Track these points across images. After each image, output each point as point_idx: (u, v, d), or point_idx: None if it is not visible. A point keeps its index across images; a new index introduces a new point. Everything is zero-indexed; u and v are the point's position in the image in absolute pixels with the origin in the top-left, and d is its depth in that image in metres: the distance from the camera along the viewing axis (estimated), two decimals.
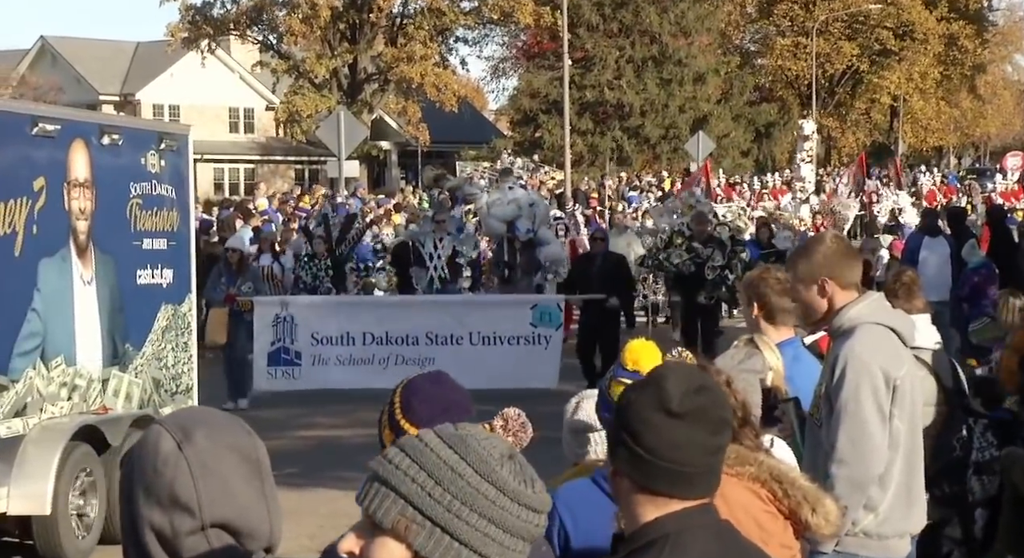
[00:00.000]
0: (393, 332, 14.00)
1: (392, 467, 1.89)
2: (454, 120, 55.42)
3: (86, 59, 57.32)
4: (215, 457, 2.04)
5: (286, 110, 51.46)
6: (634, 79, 53.50)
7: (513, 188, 16.89)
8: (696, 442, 2.34)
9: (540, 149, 51.68)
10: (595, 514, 3.45)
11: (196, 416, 2.14)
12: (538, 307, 14.16)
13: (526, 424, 3.97)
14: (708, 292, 15.06)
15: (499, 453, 1.90)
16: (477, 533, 1.86)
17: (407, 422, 3.18)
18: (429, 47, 50.94)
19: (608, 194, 39.36)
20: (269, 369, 13.95)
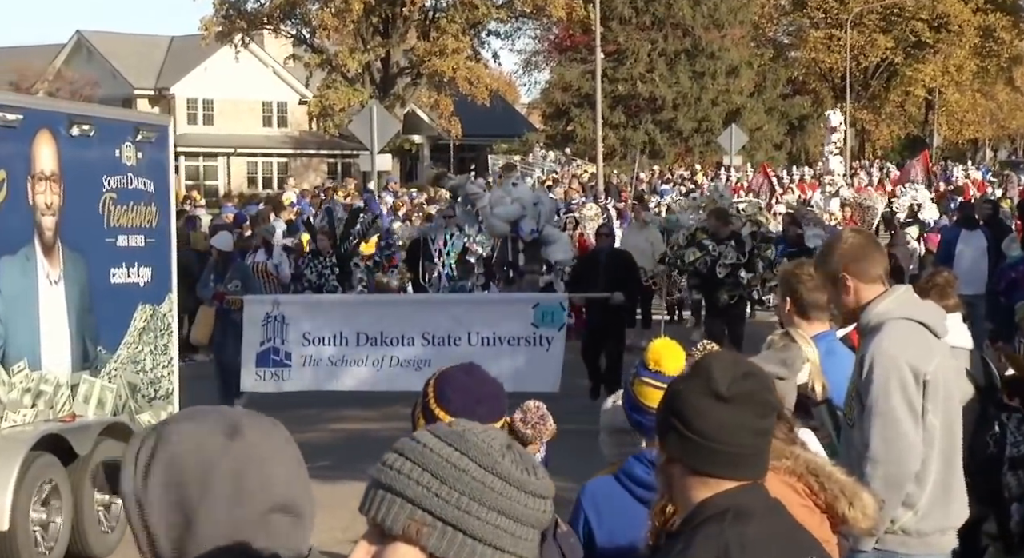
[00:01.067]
0: (388, 332, 13.17)
1: (395, 472, 1.86)
2: (486, 114, 54.89)
3: (121, 53, 57.07)
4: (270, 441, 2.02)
5: (319, 104, 51.21)
6: (666, 72, 52.93)
7: (517, 185, 16.11)
8: (745, 424, 2.39)
9: (572, 142, 51.20)
10: (618, 510, 3.51)
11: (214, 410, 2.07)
12: (540, 306, 13.26)
13: (545, 416, 4.27)
14: (728, 291, 14.17)
15: (499, 445, 1.88)
16: (489, 526, 1.84)
17: (442, 411, 3.17)
18: (461, 41, 50.53)
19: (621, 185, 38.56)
20: (257, 370, 13.16)
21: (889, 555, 4.39)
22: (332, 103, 49.84)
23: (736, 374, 2.44)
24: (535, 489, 1.88)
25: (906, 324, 4.45)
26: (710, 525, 2.40)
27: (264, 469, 1.98)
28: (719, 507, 2.41)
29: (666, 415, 2.48)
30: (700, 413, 2.42)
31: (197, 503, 1.94)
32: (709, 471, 2.43)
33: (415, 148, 56.33)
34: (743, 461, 2.43)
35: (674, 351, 3.63)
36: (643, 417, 3.56)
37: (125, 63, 56.82)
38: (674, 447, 2.45)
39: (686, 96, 52.92)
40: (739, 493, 2.42)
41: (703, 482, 2.44)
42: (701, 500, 2.43)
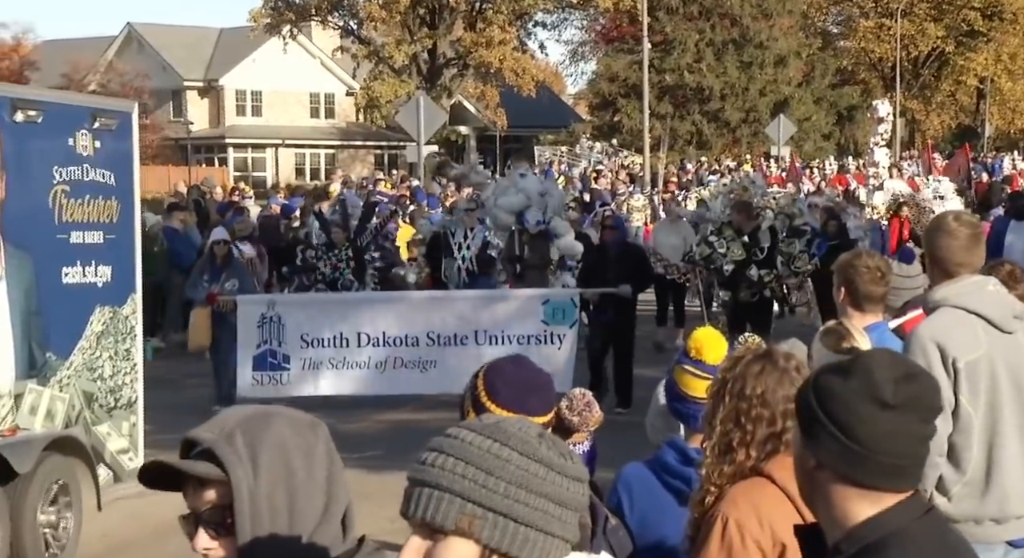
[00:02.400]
0: (391, 333, 12.34)
1: (438, 469, 1.86)
2: (532, 104, 54.05)
3: (171, 45, 56.70)
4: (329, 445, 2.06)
5: (366, 95, 50.86)
6: (714, 62, 52.11)
7: (525, 175, 14.84)
8: (911, 433, 2.22)
9: (619, 133, 50.42)
10: (649, 496, 3.49)
11: (276, 409, 2.08)
12: (550, 302, 12.36)
13: (592, 404, 3.99)
14: (749, 289, 12.93)
15: (535, 433, 1.90)
16: (538, 512, 1.85)
17: (493, 404, 3.14)
18: (508, 31, 49.90)
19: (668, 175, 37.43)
20: (255, 374, 12.33)
21: None
22: (379, 94, 49.47)
23: (899, 376, 2.23)
24: (574, 473, 1.90)
25: (955, 312, 4.46)
26: (883, 553, 2.21)
27: (337, 470, 2.03)
28: (887, 529, 2.23)
29: (821, 419, 2.25)
30: (863, 421, 2.21)
31: (302, 482, 1.97)
32: (871, 484, 2.24)
33: (461, 139, 55.54)
34: (907, 472, 2.26)
35: (717, 340, 3.56)
36: (683, 405, 3.56)
37: (175, 55, 56.43)
38: (829, 454, 2.24)
39: (734, 86, 52.11)
40: (898, 513, 2.24)
41: (864, 495, 2.24)
42: (858, 523, 2.23)
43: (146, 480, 2.06)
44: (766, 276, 12.87)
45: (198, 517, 2.01)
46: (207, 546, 1.99)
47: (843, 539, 2.26)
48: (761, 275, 12.82)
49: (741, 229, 13.10)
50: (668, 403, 3.70)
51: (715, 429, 3.10)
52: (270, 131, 56.43)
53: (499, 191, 14.17)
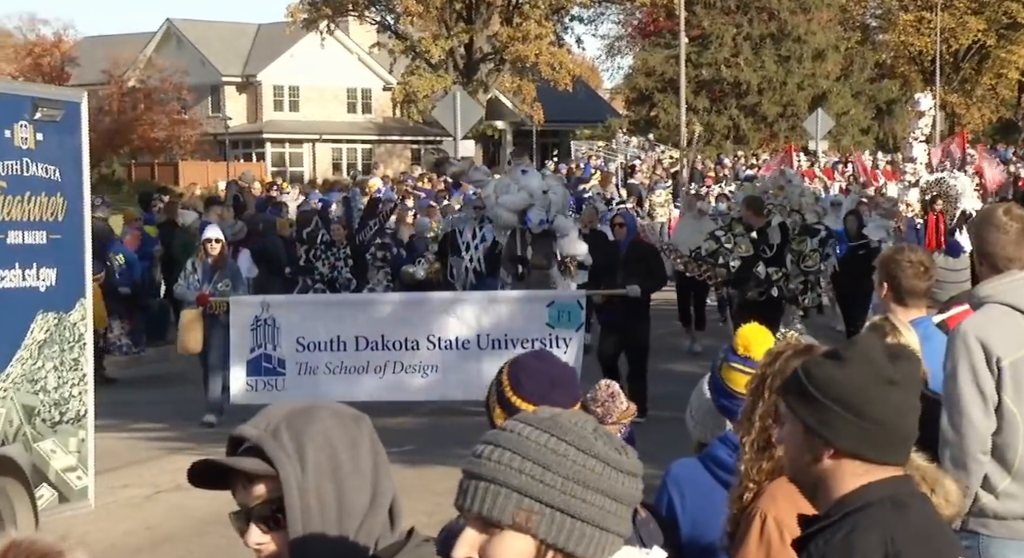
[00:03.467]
0: (390, 336, 11.70)
1: (494, 463, 1.84)
2: (569, 99, 53.29)
3: (210, 41, 56.36)
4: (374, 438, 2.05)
5: (403, 90, 50.56)
6: (752, 56, 51.35)
7: (527, 172, 13.79)
8: (911, 405, 2.35)
9: (655, 128, 49.60)
10: (702, 493, 3.47)
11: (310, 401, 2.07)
12: (555, 305, 11.64)
13: (616, 395, 4.49)
14: (757, 288, 12.09)
15: (591, 427, 1.89)
16: (594, 508, 1.84)
17: (518, 398, 3.14)
18: (544, 26, 49.46)
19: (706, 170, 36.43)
20: (249, 380, 11.69)
21: (971, 535, 4.30)
22: (416, 89, 49.15)
23: (894, 355, 2.35)
24: (629, 468, 1.88)
25: (1000, 309, 4.38)
26: (870, 513, 2.31)
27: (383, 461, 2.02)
28: (876, 495, 2.32)
29: (822, 406, 2.30)
30: (874, 400, 2.30)
31: (349, 474, 1.97)
32: (885, 459, 2.34)
33: (498, 134, 54.80)
34: (908, 443, 2.37)
35: (764, 337, 3.57)
36: (731, 402, 3.55)
37: (213, 50, 56.07)
38: (846, 438, 2.30)
39: (771, 80, 51.35)
40: (891, 484, 2.34)
41: (866, 469, 2.33)
42: (857, 487, 2.32)
43: (194, 479, 2.02)
44: (774, 274, 12.03)
45: (248, 513, 1.98)
46: (259, 541, 1.97)
47: (832, 507, 2.31)
48: (769, 273, 11.98)
49: (751, 225, 12.29)
50: (715, 400, 3.67)
51: (754, 425, 3.04)
52: (307, 126, 55.96)
53: (500, 189, 13.38)
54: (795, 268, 12.16)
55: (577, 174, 36.38)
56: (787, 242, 12.21)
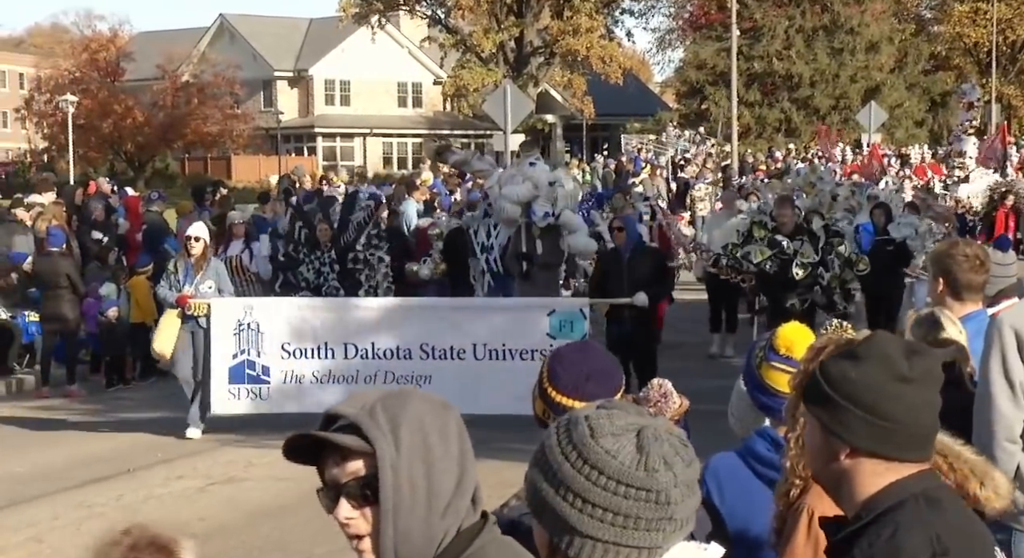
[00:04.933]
0: (381, 344, 11.00)
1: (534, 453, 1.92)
2: (619, 93, 53.06)
3: (262, 36, 56.69)
4: (460, 424, 2.11)
5: (453, 84, 50.54)
6: (804, 49, 51.08)
7: (535, 164, 12.99)
8: (929, 402, 2.32)
9: (706, 121, 49.33)
10: (740, 487, 3.46)
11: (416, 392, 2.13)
12: (556, 314, 10.91)
13: (669, 394, 4.21)
14: (799, 295, 11.63)
15: (611, 431, 1.87)
16: (583, 516, 1.85)
17: (553, 390, 3.14)
18: (595, 19, 49.25)
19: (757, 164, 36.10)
20: (230, 387, 10.98)
21: (1004, 529, 4.16)
22: (466, 83, 49.11)
23: (909, 351, 2.31)
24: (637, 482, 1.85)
25: None
26: (908, 511, 2.27)
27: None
28: (907, 492, 2.28)
29: (837, 405, 2.29)
30: (887, 397, 2.28)
31: (438, 457, 2.02)
32: (901, 456, 2.30)
33: (548, 128, 54.66)
34: (928, 440, 2.33)
35: (805, 336, 3.53)
36: (771, 400, 3.53)
37: (265, 45, 56.38)
38: (861, 437, 2.29)
39: (824, 73, 51.04)
40: (919, 479, 2.32)
41: (888, 468, 2.30)
42: (881, 488, 2.29)
43: (288, 453, 2.05)
44: (832, 281, 11.60)
45: (339, 489, 2.01)
46: (349, 516, 2.00)
47: (863, 507, 2.28)
48: (829, 278, 11.54)
49: (781, 227, 11.78)
50: (754, 398, 3.65)
51: (798, 421, 2.94)
52: (358, 120, 56.14)
53: (504, 180, 12.70)
54: (849, 272, 11.76)
55: (627, 168, 36.23)
56: (830, 244, 11.79)
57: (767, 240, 11.82)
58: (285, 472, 10.08)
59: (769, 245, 11.73)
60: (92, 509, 9.15)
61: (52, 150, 51.50)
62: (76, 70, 51.73)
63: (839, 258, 11.74)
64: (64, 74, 51.60)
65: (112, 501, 9.39)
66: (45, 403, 13.49)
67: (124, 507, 9.25)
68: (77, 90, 48.06)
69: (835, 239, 11.94)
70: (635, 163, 37.69)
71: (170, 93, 51.39)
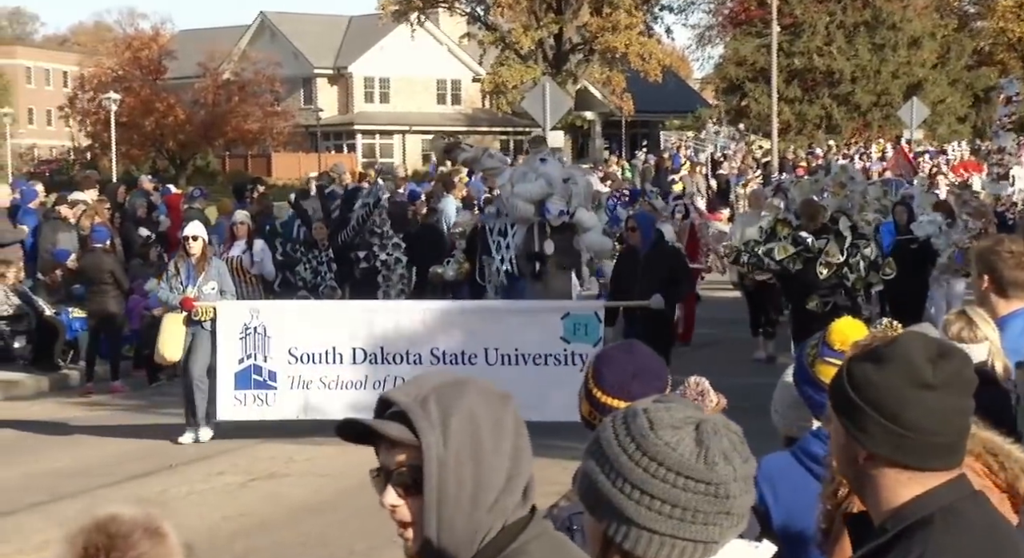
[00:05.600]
0: (390, 348, 10.70)
1: (587, 446, 1.93)
2: (658, 89, 52.90)
3: (302, 34, 56.94)
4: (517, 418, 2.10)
5: (492, 81, 50.52)
6: (845, 45, 50.77)
7: (547, 160, 12.53)
8: (955, 409, 2.21)
9: (746, 118, 49.14)
10: (795, 487, 3.44)
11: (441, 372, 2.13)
12: (571, 317, 10.57)
13: (706, 392, 3.88)
14: (822, 297, 11.22)
15: (670, 424, 1.86)
16: (641, 508, 1.84)
17: (598, 390, 3.14)
18: (634, 16, 49.11)
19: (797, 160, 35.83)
20: (236, 393, 10.73)
21: None
22: (505, 80, 49.11)
23: (934, 356, 2.19)
24: (697, 475, 1.84)
25: None
26: (931, 531, 2.18)
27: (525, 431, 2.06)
28: (934, 505, 2.20)
29: (863, 410, 2.20)
30: (909, 405, 2.17)
31: (488, 453, 2.00)
32: (924, 466, 2.19)
33: (587, 125, 54.62)
34: (955, 447, 2.22)
35: (860, 331, 3.49)
36: (821, 395, 3.40)
37: (306, 43, 56.63)
38: (879, 444, 2.20)
39: (865, 69, 50.72)
40: (947, 490, 2.21)
41: (912, 477, 2.20)
42: (908, 499, 2.21)
43: (342, 433, 2.06)
44: (858, 283, 11.33)
45: (388, 475, 2.01)
46: (394, 503, 2.01)
47: (889, 518, 2.22)
48: (854, 280, 11.27)
49: (805, 225, 11.54)
50: (802, 392, 3.63)
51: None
52: (398, 117, 56.29)
53: (516, 177, 12.31)
54: (875, 275, 11.49)
55: (667, 165, 36.11)
56: (856, 244, 11.49)
57: (791, 238, 11.53)
58: (326, 468, 10.21)
59: (793, 243, 11.44)
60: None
61: (95, 148, 51.94)
62: (119, 68, 52.15)
63: (864, 260, 11.43)
64: (107, 72, 52.04)
65: (155, 496, 9.45)
66: (89, 399, 13.60)
67: (166, 502, 9.30)
68: (120, 88, 48.43)
69: (861, 240, 11.66)
70: (674, 160, 37.54)
71: (211, 91, 51.70)
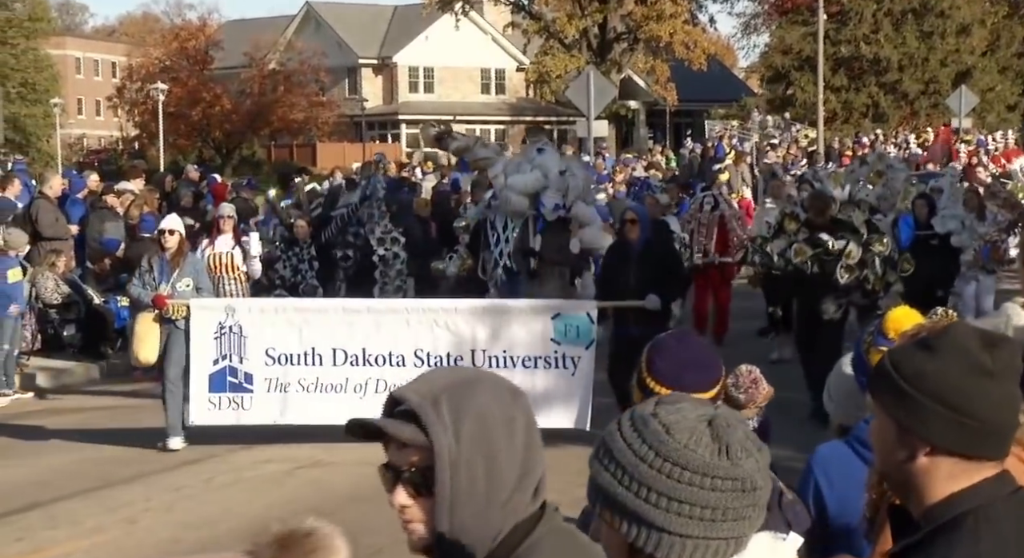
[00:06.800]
0: (372, 349, 10.22)
1: (594, 458, 1.87)
2: (703, 78, 52.65)
3: (347, 24, 57.12)
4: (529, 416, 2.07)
5: (536, 70, 50.54)
6: (892, 32, 50.18)
7: (544, 150, 11.94)
8: (1012, 395, 2.21)
9: (791, 107, 48.80)
10: (849, 476, 3.44)
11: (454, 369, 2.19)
12: (562, 317, 10.06)
13: (758, 380, 4.42)
14: (836, 300, 10.53)
15: (685, 426, 1.82)
16: (670, 515, 1.79)
17: (654, 382, 3.12)
18: (679, 4, 48.96)
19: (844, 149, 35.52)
20: (211, 396, 10.25)
21: None
22: (549, 69, 49.10)
23: (988, 344, 2.18)
24: (723, 473, 1.80)
25: None
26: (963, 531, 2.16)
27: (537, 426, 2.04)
28: (968, 504, 2.18)
29: (916, 401, 2.16)
30: (972, 394, 2.14)
31: (500, 452, 1.97)
32: (985, 454, 2.19)
33: (631, 114, 54.37)
34: (1007, 437, 2.21)
35: (915, 320, 3.51)
36: None
37: (350, 33, 56.80)
38: (943, 436, 2.15)
39: (912, 57, 50.12)
40: (995, 483, 2.19)
41: (964, 468, 2.18)
42: (946, 496, 2.18)
43: (351, 432, 2.05)
44: (877, 284, 10.70)
45: (398, 473, 1.99)
46: (404, 503, 1.99)
47: (924, 514, 2.22)
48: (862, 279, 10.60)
49: (813, 223, 10.89)
50: (862, 384, 3.62)
51: None
52: (442, 107, 56.34)
53: (510, 169, 11.72)
54: (893, 274, 10.93)
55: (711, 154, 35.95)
56: (867, 242, 10.82)
57: (810, 240, 10.79)
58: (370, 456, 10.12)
59: (811, 244, 10.72)
60: (181, 492, 9.33)
61: (143, 137, 52.41)
62: (166, 59, 52.59)
63: (878, 258, 10.79)
64: (155, 63, 52.49)
65: (201, 484, 9.57)
66: (136, 387, 13.75)
67: (214, 489, 9.41)
68: (167, 78, 48.87)
69: (874, 236, 11.05)
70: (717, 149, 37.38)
71: (257, 81, 52.01)
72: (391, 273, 13.51)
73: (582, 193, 11.91)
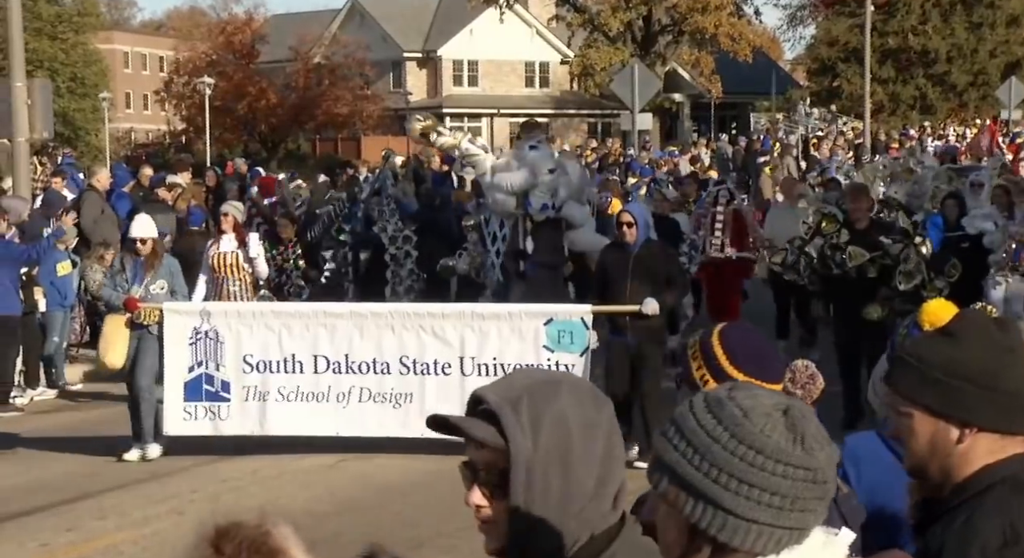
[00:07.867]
0: (356, 356, 9.76)
1: (661, 436, 1.86)
2: (748, 71, 52.34)
3: (392, 17, 57.22)
4: (612, 422, 2.06)
5: (580, 64, 50.44)
6: (940, 24, 49.74)
7: (536, 147, 11.44)
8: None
9: (838, 99, 48.44)
10: (879, 466, 3.46)
11: (548, 373, 2.11)
12: (554, 323, 9.64)
13: (815, 376, 4.13)
14: (882, 304, 9.99)
15: (762, 411, 1.80)
16: (740, 498, 1.78)
17: (736, 370, 3.06)
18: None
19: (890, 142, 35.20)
20: (187, 405, 9.82)
21: None
22: (593, 62, 49.04)
23: (1001, 324, 2.32)
24: (797, 461, 1.78)
25: None
26: (990, 497, 2.25)
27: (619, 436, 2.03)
28: (997, 476, 2.26)
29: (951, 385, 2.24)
30: (1005, 370, 2.25)
31: (578, 458, 1.95)
32: (1015, 429, 2.27)
33: (675, 107, 54.17)
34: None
35: (952, 312, 3.40)
36: None
37: (395, 27, 56.90)
38: (983, 415, 2.24)
39: (961, 48, 49.64)
40: (1018, 460, 2.28)
41: (1002, 444, 2.28)
42: (981, 467, 2.27)
43: (433, 425, 2.04)
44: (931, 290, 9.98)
45: (475, 472, 1.99)
46: (479, 503, 1.99)
47: (953, 490, 2.26)
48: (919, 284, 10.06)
49: (855, 223, 10.23)
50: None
51: None
52: (486, 100, 56.37)
53: (498, 166, 11.33)
54: (942, 279, 10.35)
55: (756, 147, 35.76)
56: (913, 243, 10.37)
57: (862, 241, 10.19)
58: (416, 450, 10.32)
59: (866, 247, 10.13)
60: (227, 483, 9.42)
61: (190, 131, 52.78)
62: (213, 53, 52.90)
63: (920, 259, 10.30)
64: (201, 57, 52.82)
65: (248, 476, 9.63)
66: None
67: (259, 481, 9.49)
68: (214, 72, 49.17)
69: (920, 238, 10.65)
70: (763, 142, 37.15)
71: (302, 75, 52.21)
72: (402, 272, 13.26)
73: (574, 193, 11.42)
